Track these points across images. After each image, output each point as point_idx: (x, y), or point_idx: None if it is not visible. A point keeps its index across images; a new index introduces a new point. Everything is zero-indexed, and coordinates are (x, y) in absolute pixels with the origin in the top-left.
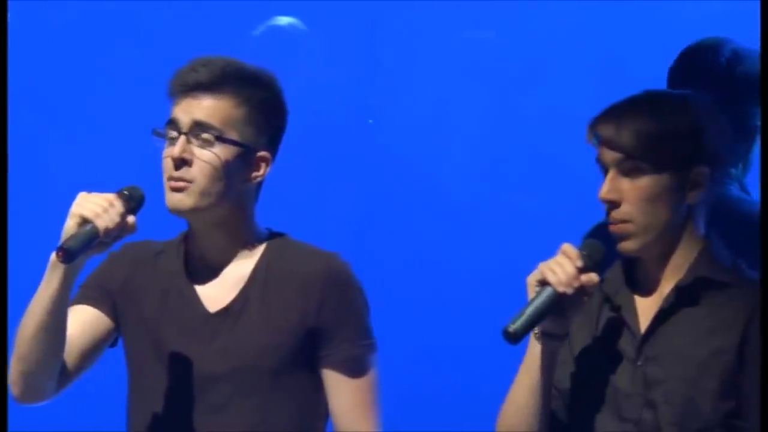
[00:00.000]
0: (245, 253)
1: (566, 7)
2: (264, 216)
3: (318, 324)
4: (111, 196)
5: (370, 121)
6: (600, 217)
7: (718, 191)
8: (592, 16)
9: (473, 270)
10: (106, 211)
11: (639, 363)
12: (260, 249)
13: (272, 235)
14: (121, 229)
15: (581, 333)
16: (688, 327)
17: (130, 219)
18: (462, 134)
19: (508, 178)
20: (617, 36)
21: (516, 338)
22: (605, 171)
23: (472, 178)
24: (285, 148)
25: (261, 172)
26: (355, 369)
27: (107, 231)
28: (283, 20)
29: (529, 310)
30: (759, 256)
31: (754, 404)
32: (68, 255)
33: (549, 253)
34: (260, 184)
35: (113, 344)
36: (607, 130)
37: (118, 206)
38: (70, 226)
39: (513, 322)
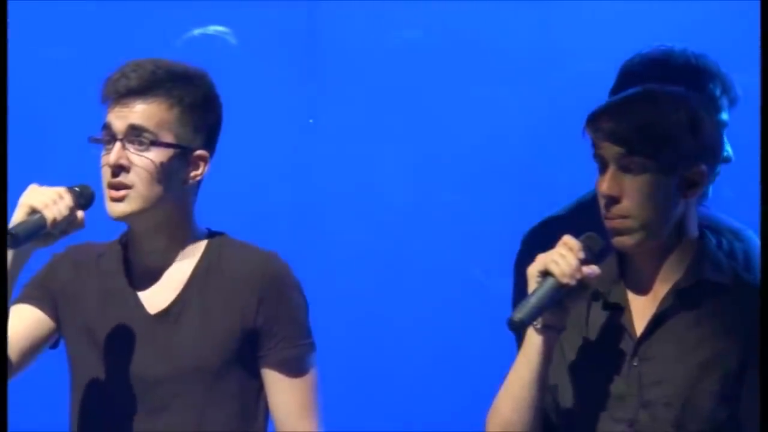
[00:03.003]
0: (185, 253)
1: (494, 7)
2: (205, 217)
3: (257, 324)
4: (61, 190)
5: (311, 120)
6: (537, 217)
7: None
8: (519, 15)
9: (412, 268)
10: (55, 202)
11: (635, 363)
12: (200, 249)
13: (211, 235)
14: (69, 223)
15: (570, 329)
16: (689, 329)
17: (79, 214)
18: (402, 134)
19: (442, 177)
20: (548, 34)
21: (522, 327)
22: (604, 166)
23: (408, 177)
24: (226, 149)
25: (200, 170)
26: (294, 368)
27: (55, 222)
28: (218, 28)
29: (534, 300)
30: (759, 257)
31: (754, 410)
32: (14, 240)
33: (485, 252)
34: (199, 183)
35: (54, 346)
36: (610, 125)
37: (68, 200)
38: (18, 215)
39: (519, 311)
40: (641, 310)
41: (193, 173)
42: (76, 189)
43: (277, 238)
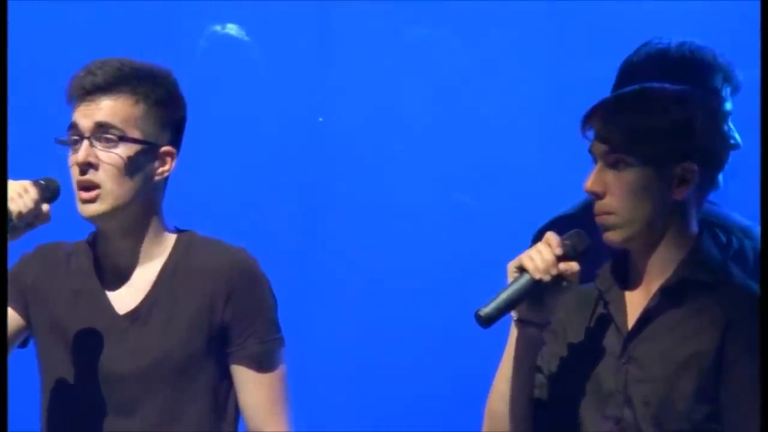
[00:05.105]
0: (153, 252)
1: (506, 5)
2: (213, 215)
3: (225, 319)
4: (26, 183)
5: (320, 119)
6: (546, 216)
7: None
8: (542, 16)
9: (421, 268)
10: (20, 195)
11: (623, 361)
12: (168, 247)
13: (179, 232)
14: (34, 216)
15: (575, 326)
16: (672, 328)
17: (45, 207)
18: (411, 132)
19: (452, 176)
20: (568, 36)
21: (487, 321)
22: (594, 163)
23: (420, 177)
24: (236, 147)
25: (167, 167)
26: (263, 364)
27: (20, 215)
28: (230, 27)
29: (503, 295)
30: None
31: (733, 410)
32: None
33: (495, 250)
34: (167, 180)
35: (23, 344)
36: (596, 122)
37: (32, 193)
38: None
39: (486, 306)
40: (633, 308)
41: (160, 169)
42: (42, 182)
43: (286, 237)
